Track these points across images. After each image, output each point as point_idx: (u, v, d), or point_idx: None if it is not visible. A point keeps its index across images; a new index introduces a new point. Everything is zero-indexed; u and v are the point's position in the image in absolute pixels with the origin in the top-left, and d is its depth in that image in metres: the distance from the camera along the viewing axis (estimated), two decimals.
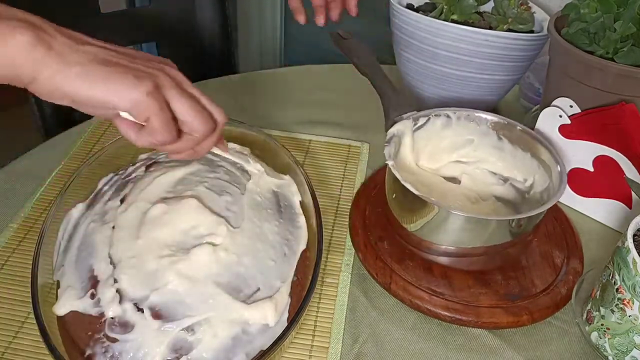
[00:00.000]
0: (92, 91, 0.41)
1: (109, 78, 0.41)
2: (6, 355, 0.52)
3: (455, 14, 0.77)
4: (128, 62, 0.43)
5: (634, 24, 0.60)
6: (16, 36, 0.39)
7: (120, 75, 0.41)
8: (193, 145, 0.47)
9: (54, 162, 0.73)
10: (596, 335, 0.54)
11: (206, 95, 0.47)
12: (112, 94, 0.41)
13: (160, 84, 0.43)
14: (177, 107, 0.44)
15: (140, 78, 0.42)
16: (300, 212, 0.61)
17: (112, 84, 0.41)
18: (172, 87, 0.44)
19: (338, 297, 0.59)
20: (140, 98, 0.41)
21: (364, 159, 0.78)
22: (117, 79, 0.41)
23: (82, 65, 0.41)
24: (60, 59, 0.40)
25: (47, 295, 0.51)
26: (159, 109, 0.42)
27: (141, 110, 0.42)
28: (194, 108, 0.45)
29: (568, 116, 0.66)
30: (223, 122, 0.49)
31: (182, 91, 0.45)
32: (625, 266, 0.49)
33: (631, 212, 0.67)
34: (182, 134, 0.46)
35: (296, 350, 0.54)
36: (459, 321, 0.56)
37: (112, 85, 0.41)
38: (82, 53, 0.41)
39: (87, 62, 0.41)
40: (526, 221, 0.56)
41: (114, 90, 0.41)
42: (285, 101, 0.89)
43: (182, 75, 0.46)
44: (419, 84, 0.82)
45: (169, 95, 0.44)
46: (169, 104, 0.44)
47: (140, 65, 0.43)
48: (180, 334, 0.47)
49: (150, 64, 0.44)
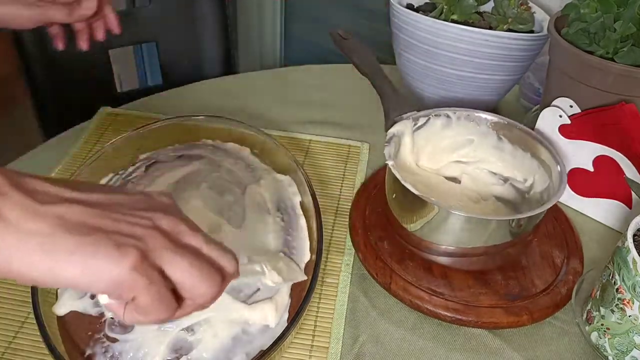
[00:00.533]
0: (56, 270, 0.31)
1: (79, 251, 0.31)
2: (6, 355, 0.52)
3: (455, 14, 0.77)
4: (109, 223, 0.33)
5: (634, 24, 0.60)
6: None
7: (96, 247, 0.32)
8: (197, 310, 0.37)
9: (54, 162, 0.73)
10: (596, 335, 0.54)
11: (213, 241, 0.37)
12: (83, 275, 0.31)
13: (150, 248, 0.33)
14: (173, 272, 0.34)
15: (122, 247, 0.32)
16: (300, 214, 0.61)
17: (83, 259, 0.31)
18: (165, 248, 0.34)
19: (338, 297, 0.59)
20: (122, 276, 0.32)
21: (364, 159, 0.78)
22: (91, 253, 0.31)
23: (43, 235, 0.31)
24: (14, 232, 0.30)
25: (47, 295, 0.51)
26: (148, 284, 0.33)
27: (124, 291, 0.33)
28: (194, 270, 0.35)
29: (568, 116, 0.66)
30: (233, 271, 0.37)
31: (178, 249, 0.35)
32: (625, 266, 0.49)
33: (631, 212, 0.67)
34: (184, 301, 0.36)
35: (296, 350, 0.54)
36: (459, 321, 0.56)
37: (83, 262, 0.31)
38: (45, 218, 0.31)
39: (51, 230, 0.31)
40: (526, 221, 0.56)
41: (85, 268, 0.31)
42: (285, 101, 0.89)
43: (179, 222, 0.36)
44: (419, 84, 0.82)
45: (162, 259, 0.34)
46: (163, 270, 0.34)
47: (124, 225, 0.34)
48: (180, 334, 0.47)
49: (139, 217, 0.35)
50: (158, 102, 0.86)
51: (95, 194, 0.34)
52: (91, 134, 0.78)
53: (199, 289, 0.35)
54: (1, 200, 0.31)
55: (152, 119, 0.78)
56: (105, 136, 0.78)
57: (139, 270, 0.32)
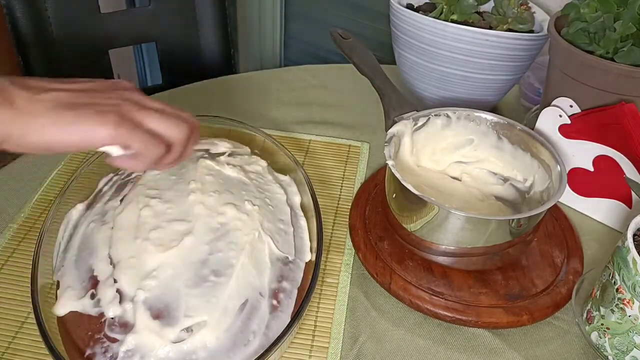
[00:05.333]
0: (66, 137, 0.42)
1: (77, 121, 0.42)
2: (6, 355, 0.52)
3: (455, 14, 0.77)
4: (88, 99, 0.44)
5: (634, 24, 0.60)
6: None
7: (86, 116, 0.42)
8: (181, 151, 0.49)
9: (54, 162, 0.73)
10: (596, 335, 0.54)
11: (170, 105, 0.49)
12: (86, 136, 0.42)
13: (125, 112, 0.44)
14: (149, 124, 0.45)
15: (104, 113, 0.43)
16: (301, 214, 0.61)
17: (81, 125, 0.42)
18: (136, 110, 0.45)
19: (338, 297, 0.59)
20: (110, 132, 0.42)
21: (364, 159, 0.78)
22: (84, 121, 0.42)
23: (47, 115, 0.41)
24: (24, 114, 0.41)
25: (47, 295, 0.51)
26: (132, 132, 0.44)
27: (118, 141, 0.43)
28: (164, 120, 0.46)
29: (568, 116, 0.66)
30: (194, 122, 0.50)
31: (147, 110, 0.46)
32: (625, 266, 0.49)
33: (631, 212, 0.67)
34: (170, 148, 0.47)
35: (296, 350, 0.54)
36: (459, 321, 0.56)
37: (82, 127, 0.42)
38: (45, 102, 0.42)
39: (51, 110, 0.42)
40: (526, 221, 0.56)
41: (85, 132, 0.42)
42: (285, 101, 0.89)
43: (139, 94, 0.47)
44: (419, 84, 0.82)
45: (137, 117, 0.45)
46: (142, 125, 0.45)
47: (99, 99, 0.44)
48: (180, 334, 0.47)
49: (110, 94, 0.45)
50: None
51: (71, 84, 0.45)
52: None
53: (173, 133, 0.47)
54: (10, 95, 0.40)
55: None
56: None
57: (121, 125, 0.43)
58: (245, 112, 0.85)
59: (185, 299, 0.48)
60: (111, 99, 0.45)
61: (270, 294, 0.51)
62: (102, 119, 0.42)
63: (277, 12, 1.69)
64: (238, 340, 0.48)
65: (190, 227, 0.53)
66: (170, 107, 0.49)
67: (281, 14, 1.70)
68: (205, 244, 0.52)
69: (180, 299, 0.48)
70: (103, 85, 0.47)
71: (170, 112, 0.48)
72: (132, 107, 0.45)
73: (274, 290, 0.52)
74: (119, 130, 0.43)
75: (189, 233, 0.52)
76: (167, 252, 0.51)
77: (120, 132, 0.43)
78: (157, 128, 0.46)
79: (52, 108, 0.42)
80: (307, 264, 0.56)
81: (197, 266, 0.51)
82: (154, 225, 0.53)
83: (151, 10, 1.05)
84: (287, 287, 0.53)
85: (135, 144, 0.44)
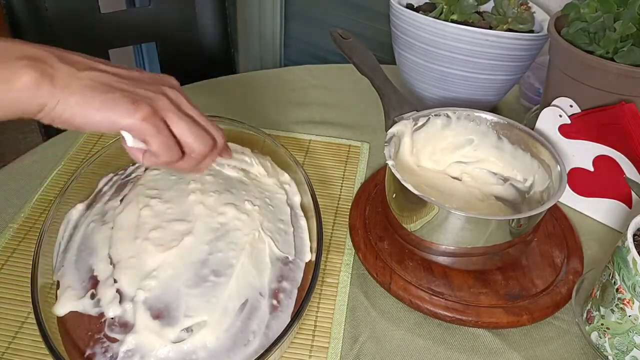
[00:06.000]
0: (93, 118, 0.42)
1: (105, 105, 0.42)
2: (6, 355, 0.52)
3: (455, 14, 0.77)
4: (128, 87, 0.44)
5: (634, 24, 0.60)
6: (22, 77, 0.40)
7: (117, 101, 0.43)
8: (196, 164, 0.49)
9: (54, 162, 0.73)
10: (596, 335, 0.54)
11: (205, 116, 0.49)
12: (110, 120, 0.43)
13: (158, 108, 0.45)
14: (175, 129, 0.46)
15: (137, 103, 0.43)
16: (301, 214, 0.61)
17: (109, 111, 0.42)
18: (170, 110, 0.45)
19: (338, 297, 0.59)
20: (136, 124, 0.43)
21: (364, 159, 0.78)
22: (114, 105, 0.43)
23: (82, 93, 0.42)
24: (63, 89, 0.42)
25: (47, 295, 0.51)
26: (156, 132, 0.44)
27: (140, 133, 0.44)
28: (191, 130, 0.47)
29: (568, 116, 0.66)
30: (222, 142, 0.51)
31: (180, 113, 0.46)
32: (625, 266, 0.49)
33: (631, 212, 0.67)
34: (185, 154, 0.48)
35: (296, 350, 0.54)
36: (459, 321, 0.56)
37: (109, 112, 0.43)
38: (83, 80, 0.43)
39: (87, 89, 0.42)
40: (526, 221, 0.56)
41: (111, 116, 0.43)
42: (285, 101, 0.89)
43: (182, 97, 0.48)
44: (419, 84, 0.82)
45: (167, 117, 0.45)
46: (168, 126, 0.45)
47: (140, 89, 0.45)
48: (180, 334, 0.47)
49: (152, 87, 0.46)
50: None
51: (117, 68, 0.46)
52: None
53: (196, 146, 0.47)
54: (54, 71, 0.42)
55: None
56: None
57: (149, 120, 0.43)
58: (245, 112, 0.85)
59: (185, 299, 0.48)
60: (149, 92, 0.45)
61: (270, 294, 0.51)
62: (133, 107, 0.43)
63: (277, 12, 1.69)
64: (238, 340, 0.48)
65: (190, 227, 0.53)
66: (204, 118, 0.49)
67: (281, 14, 1.70)
68: (205, 244, 0.52)
69: (180, 299, 0.48)
70: (148, 77, 0.47)
71: (201, 122, 0.48)
72: (167, 105, 0.45)
73: (274, 290, 0.52)
74: (143, 124, 0.43)
75: (189, 233, 0.52)
76: (167, 252, 0.51)
77: (144, 126, 0.43)
78: (181, 135, 0.46)
79: (87, 87, 0.42)
80: (307, 264, 0.56)
81: (197, 266, 0.51)
82: (154, 225, 0.53)
83: (151, 10, 1.05)
84: (287, 287, 0.53)
85: (154, 144, 0.45)
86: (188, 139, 0.47)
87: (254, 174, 0.62)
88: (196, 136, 0.47)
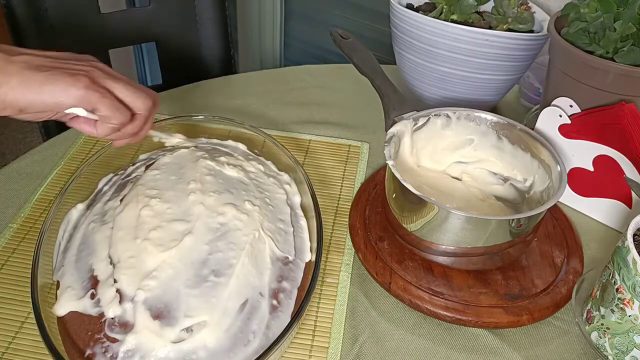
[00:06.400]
0: (38, 96, 0.45)
1: (48, 81, 0.45)
2: (6, 355, 0.52)
3: (455, 14, 0.77)
4: (60, 64, 0.47)
5: (634, 24, 0.60)
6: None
7: (58, 77, 0.45)
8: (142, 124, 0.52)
9: (54, 162, 0.73)
10: (596, 335, 0.54)
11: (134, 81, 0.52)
12: (56, 95, 0.45)
13: (95, 77, 0.47)
14: (116, 92, 0.49)
15: (75, 75, 0.46)
16: (301, 214, 0.61)
17: (52, 85, 0.45)
18: (106, 77, 0.48)
19: (338, 297, 0.59)
20: (80, 94, 0.46)
21: (364, 159, 0.78)
22: (55, 81, 0.45)
23: (20, 74, 0.45)
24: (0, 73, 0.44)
25: (47, 295, 0.51)
26: (102, 96, 0.47)
27: (87, 102, 0.47)
28: (129, 89, 0.50)
29: (568, 116, 0.66)
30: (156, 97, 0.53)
31: (114, 77, 0.50)
32: (625, 266, 0.49)
33: (631, 212, 0.67)
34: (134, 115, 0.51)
35: (296, 350, 0.54)
36: (459, 321, 0.56)
37: (53, 87, 0.45)
38: (18, 63, 0.45)
39: (24, 70, 0.45)
40: (526, 221, 0.56)
41: (56, 90, 0.45)
42: (285, 101, 0.89)
43: (108, 68, 0.51)
44: (419, 84, 0.82)
45: (105, 84, 0.48)
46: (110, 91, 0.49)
47: (71, 65, 0.48)
48: (180, 334, 0.47)
49: (80, 62, 0.49)
50: None
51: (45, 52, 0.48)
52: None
53: (138, 103, 0.50)
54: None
55: None
56: None
57: (91, 88, 0.46)
58: (245, 112, 0.85)
59: (185, 299, 0.48)
60: (82, 66, 0.48)
61: (270, 294, 0.51)
62: (73, 79, 0.45)
63: (277, 12, 1.69)
64: (238, 340, 0.48)
65: (190, 227, 0.53)
66: (135, 83, 0.52)
67: (281, 13, 1.70)
68: (205, 244, 0.52)
69: (180, 299, 0.48)
70: (73, 55, 0.50)
71: (135, 84, 0.51)
72: (101, 73, 0.48)
73: (274, 290, 0.52)
74: (88, 92, 0.46)
75: (189, 233, 0.52)
76: (167, 252, 0.51)
77: (90, 94, 0.46)
78: (123, 97, 0.49)
79: (25, 68, 0.45)
80: (307, 264, 0.56)
81: (197, 266, 0.51)
82: (154, 225, 0.53)
83: (151, 10, 1.05)
84: (287, 287, 0.53)
85: (103, 108, 0.47)
86: (130, 98, 0.50)
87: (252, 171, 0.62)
88: (137, 95, 0.50)
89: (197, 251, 0.51)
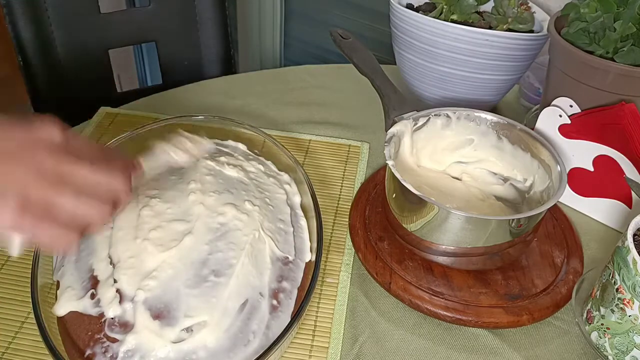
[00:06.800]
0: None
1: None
2: (6, 355, 0.52)
3: (455, 14, 0.77)
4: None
5: (634, 24, 0.60)
6: None
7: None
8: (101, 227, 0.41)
9: None
10: (596, 335, 0.54)
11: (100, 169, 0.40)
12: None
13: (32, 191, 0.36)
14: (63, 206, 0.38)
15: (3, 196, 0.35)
16: (301, 214, 0.61)
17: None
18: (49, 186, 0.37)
19: (338, 297, 0.59)
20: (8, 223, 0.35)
21: (364, 159, 0.78)
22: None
23: None
24: None
25: (47, 295, 0.51)
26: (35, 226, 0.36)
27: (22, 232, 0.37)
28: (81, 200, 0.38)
29: (568, 116, 0.66)
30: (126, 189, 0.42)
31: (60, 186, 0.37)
32: (625, 266, 0.49)
33: (631, 212, 0.67)
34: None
35: (296, 350, 0.54)
36: (459, 321, 0.56)
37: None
38: None
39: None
40: (526, 221, 0.56)
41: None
42: (285, 101, 0.89)
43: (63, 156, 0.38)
44: (419, 84, 0.82)
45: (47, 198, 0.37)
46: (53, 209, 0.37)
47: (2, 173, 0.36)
48: (180, 334, 0.47)
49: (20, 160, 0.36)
50: (158, 102, 0.86)
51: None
52: (91, 134, 0.78)
53: (91, 216, 0.39)
54: None
55: (152, 119, 0.78)
56: (105, 136, 0.78)
57: (21, 214, 0.35)
58: (245, 112, 0.85)
59: (185, 299, 0.48)
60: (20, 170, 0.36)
61: (270, 294, 0.51)
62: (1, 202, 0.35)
63: (277, 12, 1.69)
64: (238, 340, 0.48)
65: (190, 227, 0.53)
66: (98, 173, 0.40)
67: (281, 13, 1.70)
68: (205, 244, 0.52)
69: (180, 299, 0.48)
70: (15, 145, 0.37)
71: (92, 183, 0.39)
72: (44, 181, 0.36)
73: (274, 290, 0.52)
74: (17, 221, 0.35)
75: (189, 233, 0.52)
76: (167, 252, 0.51)
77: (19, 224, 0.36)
78: (71, 211, 0.38)
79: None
80: (307, 264, 0.56)
81: (197, 266, 0.51)
82: (154, 225, 0.53)
83: (151, 10, 1.05)
84: (287, 287, 0.53)
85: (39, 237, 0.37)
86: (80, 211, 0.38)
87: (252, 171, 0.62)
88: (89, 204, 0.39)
89: (197, 251, 0.51)
